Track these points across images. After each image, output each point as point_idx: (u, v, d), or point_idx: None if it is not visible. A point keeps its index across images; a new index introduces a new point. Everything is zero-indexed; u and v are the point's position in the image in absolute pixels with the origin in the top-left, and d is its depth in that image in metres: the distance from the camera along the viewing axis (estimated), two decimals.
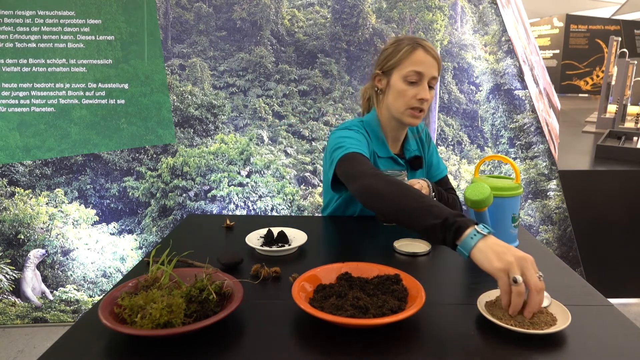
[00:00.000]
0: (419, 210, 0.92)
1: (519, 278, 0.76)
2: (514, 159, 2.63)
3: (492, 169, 2.69)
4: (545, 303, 0.84)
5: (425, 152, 1.51)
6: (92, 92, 2.41)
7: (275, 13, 2.58)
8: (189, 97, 2.52)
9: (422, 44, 1.30)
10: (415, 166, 1.45)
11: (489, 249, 0.80)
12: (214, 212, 2.56)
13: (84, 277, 2.51)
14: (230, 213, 2.57)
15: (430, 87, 1.31)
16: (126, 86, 2.43)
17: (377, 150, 1.38)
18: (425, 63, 1.28)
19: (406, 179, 1.22)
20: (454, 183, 2.69)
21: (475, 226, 0.84)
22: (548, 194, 2.57)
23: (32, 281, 2.47)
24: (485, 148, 2.71)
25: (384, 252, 1.14)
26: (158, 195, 2.54)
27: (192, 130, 2.55)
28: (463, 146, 2.72)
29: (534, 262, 0.79)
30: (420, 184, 1.27)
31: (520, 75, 2.62)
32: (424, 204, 0.93)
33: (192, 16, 2.51)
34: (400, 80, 1.30)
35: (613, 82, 4.09)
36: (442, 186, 1.50)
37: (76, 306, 2.51)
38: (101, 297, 1.32)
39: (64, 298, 2.50)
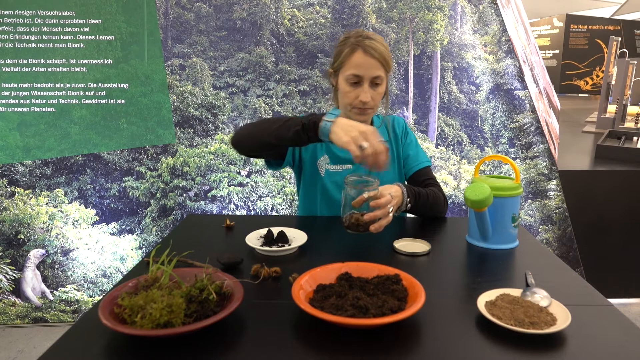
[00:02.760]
0: (281, 128, 1.14)
1: (365, 144, 0.99)
2: (514, 159, 2.63)
3: (492, 169, 2.69)
4: (545, 303, 0.84)
5: (398, 144, 1.50)
6: (92, 92, 2.41)
7: (275, 13, 2.58)
8: (189, 97, 2.52)
9: (362, 44, 1.29)
10: None
11: (339, 129, 1.04)
12: (214, 212, 2.56)
13: (84, 277, 2.51)
14: (230, 213, 2.57)
15: (376, 85, 1.31)
16: (126, 86, 2.43)
17: None
18: (363, 65, 1.28)
19: (377, 186, 1.16)
20: (454, 183, 2.69)
21: (324, 117, 1.07)
22: (548, 194, 2.57)
23: (32, 281, 2.47)
24: (485, 148, 2.71)
25: (384, 252, 1.14)
26: (158, 195, 2.54)
27: (192, 130, 2.55)
28: (463, 146, 2.72)
29: (377, 131, 1.03)
30: (391, 190, 1.23)
31: (520, 75, 2.62)
32: (282, 121, 1.15)
33: (192, 16, 2.51)
34: (344, 81, 1.33)
35: (613, 82, 4.09)
36: (422, 177, 1.47)
37: (76, 306, 2.51)
38: (101, 297, 1.32)
39: (64, 298, 2.50)
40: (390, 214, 1.16)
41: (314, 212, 1.49)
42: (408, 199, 1.28)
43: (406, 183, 1.53)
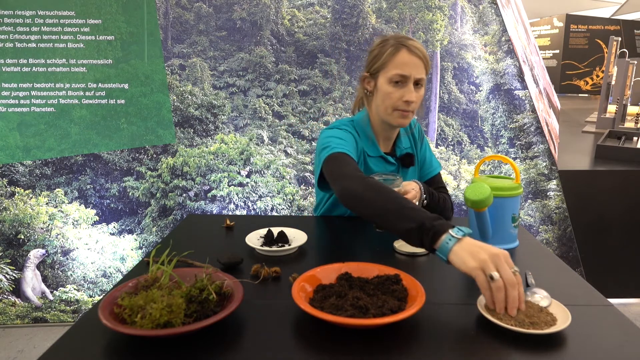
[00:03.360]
0: (395, 214, 0.94)
1: (495, 274, 0.78)
2: (514, 159, 2.62)
3: (492, 169, 2.69)
4: (545, 303, 0.84)
5: (417, 149, 1.50)
6: (92, 92, 2.41)
7: (275, 13, 2.58)
8: (189, 97, 2.52)
9: (406, 44, 1.28)
10: (406, 164, 1.44)
11: (463, 251, 0.82)
12: (214, 212, 2.56)
13: (84, 277, 2.51)
14: (230, 213, 2.57)
15: (419, 86, 1.30)
16: (126, 86, 2.43)
17: (367, 150, 1.38)
18: (409, 64, 1.27)
19: (401, 183, 1.21)
20: (454, 183, 2.69)
21: (450, 230, 0.85)
22: (548, 194, 2.57)
23: (32, 281, 2.47)
24: (485, 148, 2.71)
25: (384, 252, 1.14)
26: (158, 195, 2.54)
27: (192, 130, 2.55)
28: (463, 146, 2.72)
29: (508, 256, 0.81)
30: (412, 187, 1.27)
31: (520, 75, 2.62)
32: (400, 206, 0.95)
33: (192, 16, 2.51)
34: (386, 83, 1.29)
35: (613, 82, 4.09)
36: (434, 185, 1.49)
37: (76, 306, 2.51)
38: (101, 297, 1.32)
39: (64, 298, 2.50)
40: None
41: (342, 213, 1.46)
42: (425, 196, 1.31)
43: None
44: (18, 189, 2.42)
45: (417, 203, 1.21)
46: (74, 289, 2.50)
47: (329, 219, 1.43)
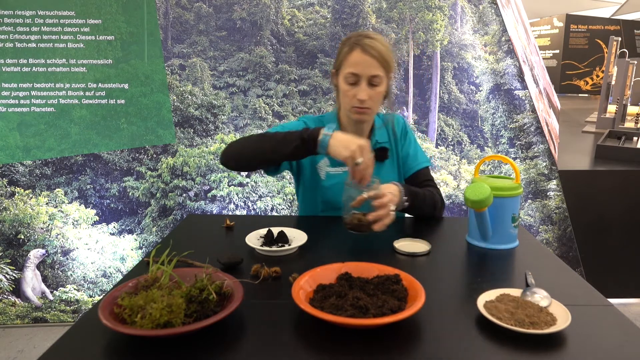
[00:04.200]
0: (277, 145, 1.20)
1: (360, 160, 1.10)
2: (514, 159, 2.63)
3: (492, 169, 2.69)
4: (545, 303, 0.84)
5: (398, 144, 1.50)
6: (92, 92, 2.41)
7: (275, 13, 2.58)
8: (189, 97, 2.52)
9: (361, 43, 1.28)
10: (379, 157, 1.43)
11: (337, 143, 1.13)
12: (214, 212, 2.56)
13: (84, 277, 2.51)
14: (230, 213, 2.57)
15: (374, 85, 1.30)
16: (126, 86, 2.43)
17: None
18: (360, 64, 1.28)
19: (379, 186, 1.18)
20: (454, 183, 2.69)
21: (322, 130, 1.16)
22: (548, 194, 2.57)
23: (32, 281, 2.47)
24: (485, 148, 2.71)
25: (384, 252, 1.14)
26: (158, 195, 2.54)
27: (192, 130, 2.55)
28: (463, 146, 2.72)
29: (368, 146, 1.13)
30: (391, 190, 1.24)
31: (520, 75, 2.62)
32: (279, 136, 1.21)
33: (192, 16, 2.51)
34: (343, 81, 1.33)
35: (613, 82, 4.09)
36: (420, 178, 1.48)
37: (76, 306, 2.51)
38: (101, 297, 1.32)
39: (64, 298, 2.50)
40: (392, 213, 1.17)
41: (314, 214, 1.49)
42: (405, 198, 1.29)
43: (404, 182, 1.53)
44: (18, 189, 2.42)
45: (394, 207, 1.19)
46: (74, 289, 2.50)
47: (329, 219, 1.43)
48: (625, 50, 4.24)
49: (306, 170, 1.46)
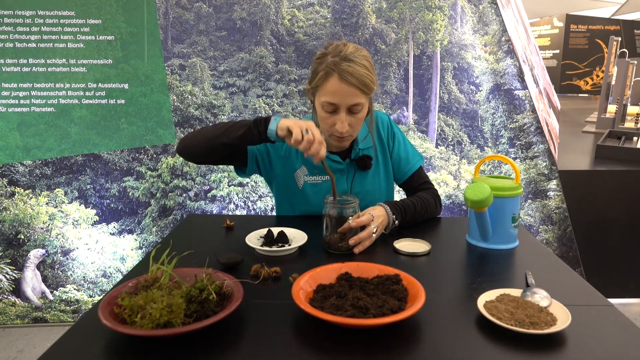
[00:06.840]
0: (230, 129, 1.19)
1: (309, 131, 1.08)
2: (514, 159, 2.62)
3: (492, 169, 2.69)
4: (545, 303, 0.84)
5: (384, 147, 1.43)
6: (92, 92, 2.41)
7: (275, 13, 2.58)
8: (189, 97, 2.52)
9: (338, 69, 1.16)
10: (361, 166, 1.37)
11: (286, 123, 1.12)
12: (214, 212, 2.56)
13: (84, 277, 2.51)
14: (230, 213, 2.57)
15: (354, 112, 1.22)
16: (126, 86, 2.43)
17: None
18: (338, 93, 1.18)
19: (357, 205, 1.15)
20: (454, 183, 2.69)
21: (273, 116, 1.16)
22: (548, 194, 2.57)
23: (32, 281, 2.47)
24: (485, 148, 2.71)
25: (384, 252, 1.14)
26: (158, 195, 2.54)
27: (192, 130, 2.55)
28: (463, 146, 2.72)
29: (314, 125, 1.11)
30: (378, 213, 1.19)
31: (520, 75, 2.62)
32: (230, 124, 1.20)
33: (192, 16, 2.51)
34: (319, 107, 1.24)
35: (613, 82, 4.09)
36: (415, 182, 1.43)
37: (76, 306, 2.51)
38: (101, 297, 1.32)
39: (64, 298, 2.50)
40: (374, 235, 1.15)
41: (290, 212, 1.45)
42: (394, 217, 1.23)
43: (397, 186, 1.50)
44: (18, 189, 2.42)
45: (377, 231, 1.15)
46: (74, 289, 2.50)
47: None
48: (625, 50, 4.24)
49: (279, 178, 1.40)
